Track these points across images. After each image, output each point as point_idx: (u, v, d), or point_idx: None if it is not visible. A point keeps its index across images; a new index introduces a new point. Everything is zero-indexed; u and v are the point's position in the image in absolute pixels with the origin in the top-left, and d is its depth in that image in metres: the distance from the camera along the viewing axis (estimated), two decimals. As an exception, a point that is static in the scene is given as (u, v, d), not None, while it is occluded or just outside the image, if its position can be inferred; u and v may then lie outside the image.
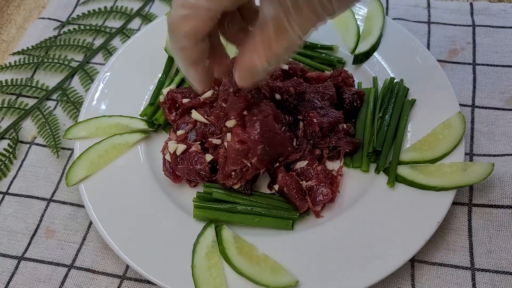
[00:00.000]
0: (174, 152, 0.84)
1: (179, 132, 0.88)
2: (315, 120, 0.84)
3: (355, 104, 0.91)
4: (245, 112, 0.80)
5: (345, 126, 0.87)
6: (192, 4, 0.60)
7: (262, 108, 0.80)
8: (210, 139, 0.86)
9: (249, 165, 0.80)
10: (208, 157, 0.83)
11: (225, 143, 0.81)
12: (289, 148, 0.83)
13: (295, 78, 0.91)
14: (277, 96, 0.88)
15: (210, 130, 0.87)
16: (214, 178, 0.84)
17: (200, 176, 0.84)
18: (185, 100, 0.90)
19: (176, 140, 0.87)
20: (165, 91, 0.94)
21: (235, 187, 0.83)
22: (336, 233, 0.79)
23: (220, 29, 0.72)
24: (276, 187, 0.84)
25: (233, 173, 0.80)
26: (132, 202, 0.84)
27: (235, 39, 0.73)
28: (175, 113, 0.92)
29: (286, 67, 0.94)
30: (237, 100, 0.80)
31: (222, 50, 0.75)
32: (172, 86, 0.95)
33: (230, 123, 0.80)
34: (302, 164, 0.84)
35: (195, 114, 0.89)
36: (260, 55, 0.64)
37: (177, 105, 0.92)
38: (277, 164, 0.83)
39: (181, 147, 0.84)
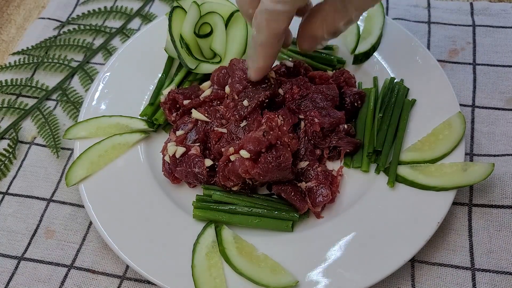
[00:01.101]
0: (173, 154, 0.84)
1: (179, 133, 0.88)
2: (316, 120, 0.84)
3: (356, 104, 0.91)
4: (263, 150, 0.78)
5: (346, 126, 0.87)
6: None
7: (280, 153, 0.77)
8: (215, 128, 0.85)
9: (250, 182, 0.81)
10: (208, 162, 0.83)
11: (231, 157, 0.80)
12: (290, 176, 0.82)
13: (300, 77, 0.91)
14: (281, 91, 0.88)
15: (212, 128, 0.87)
16: (212, 182, 0.84)
17: (198, 179, 0.84)
18: (186, 102, 0.90)
19: (175, 141, 0.87)
20: (166, 91, 0.94)
21: (234, 188, 0.83)
22: (336, 233, 0.79)
23: None
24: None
25: (233, 178, 0.80)
26: (132, 202, 0.84)
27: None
28: (175, 113, 0.92)
29: (290, 64, 0.94)
30: (259, 138, 0.78)
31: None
32: (172, 86, 0.95)
33: (243, 153, 0.77)
34: (303, 164, 0.84)
35: (195, 113, 0.89)
36: (323, 27, 0.77)
37: (177, 105, 0.92)
38: None
39: (180, 150, 0.84)
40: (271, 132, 0.79)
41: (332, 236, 0.79)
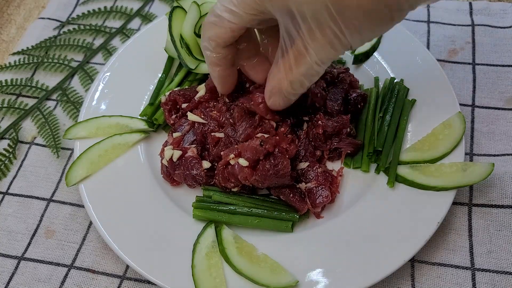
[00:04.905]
0: (171, 158, 0.84)
1: (175, 135, 0.88)
2: (320, 123, 0.84)
3: (359, 106, 0.90)
4: (261, 157, 0.77)
5: (347, 129, 0.87)
6: (218, 14, 0.70)
7: (278, 161, 0.77)
8: (213, 134, 0.85)
9: (250, 186, 0.81)
10: (206, 164, 0.83)
11: (232, 161, 0.80)
12: (289, 182, 0.81)
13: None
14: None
15: (209, 128, 0.87)
16: (212, 183, 0.85)
17: (196, 181, 0.84)
18: (184, 105, 0.90)
19: (172, 143, 0.86)
20: (167, 93, 0.93)
21: (234, 189, 0.83)
22: (336, 233, 0.79)
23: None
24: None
25: (232, 180, 0.81)
26: (132, 202, 0.84)
27: (253, 70, 0.82)
28: (174, 115, 0.91)
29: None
30: (256, 147, 0.77)
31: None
32: (172, 86, 0.95)
33: (242, 161, 0.77)
34: (303, 165, 0.84)
35: (191, 116, 0.88)
36: (283, 77, 0.70)
37: (177, 106, 0.92)
38: None
39: (177, 153, 0.84)
40: (266, 136, 0.79)
41: (332, 236, 0.79)
